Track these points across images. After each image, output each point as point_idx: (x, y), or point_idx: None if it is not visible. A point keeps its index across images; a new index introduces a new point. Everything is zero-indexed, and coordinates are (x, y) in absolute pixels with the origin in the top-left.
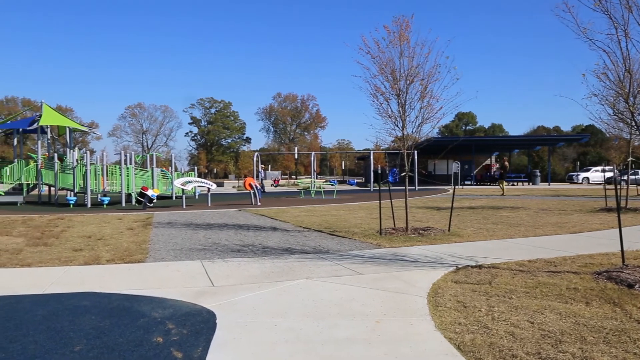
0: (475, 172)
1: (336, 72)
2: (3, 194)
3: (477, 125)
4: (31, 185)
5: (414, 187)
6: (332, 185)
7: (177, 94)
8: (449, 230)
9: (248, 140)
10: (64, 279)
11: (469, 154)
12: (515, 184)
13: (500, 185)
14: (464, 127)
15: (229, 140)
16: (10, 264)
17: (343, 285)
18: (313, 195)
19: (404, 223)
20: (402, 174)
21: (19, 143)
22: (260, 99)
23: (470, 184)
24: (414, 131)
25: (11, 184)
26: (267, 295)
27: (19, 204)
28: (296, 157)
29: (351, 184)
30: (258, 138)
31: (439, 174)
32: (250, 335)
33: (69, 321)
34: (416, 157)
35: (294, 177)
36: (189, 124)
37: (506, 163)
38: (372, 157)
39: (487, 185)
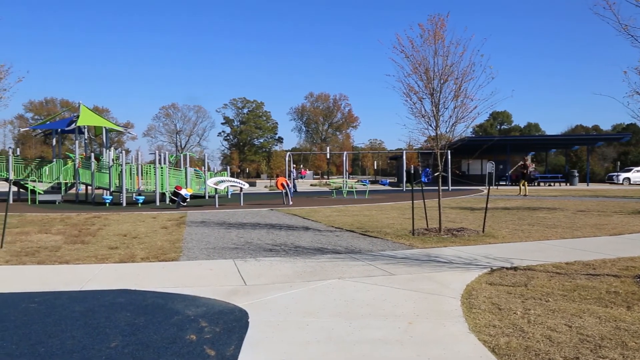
0: (510, 172)
1: (369, 72)
2: (42, 192)
3: (513, 124)
4: (69, 184)
5: (447, 188)
6: (364, 185)
7: (211, 94)
8: (483, 231)
9: (280, 140)
10: (100, 276)
11: (504, 153)
12: (552, 184)
13: (521, 185)
14: (498, 127)
15: (261, 140)
16: (49, 260)
17: (375, 286)
18: (345, 195)
19: (436, 223)
20: (435, 174)
21: (58, 143)
22: (293, 98)
23: (505, 184)
24: (447, 131)
25: (50, 183)
26: (299, 295)
27: (57, 203)
28: (328, 156)
29: (383, 184)
30: (290, 138)
31: (472, 174)
32: (282, 334)
33: (105, 318)
34: (449, 157)
35: (325, 177)
36: (222, 123)
37: (527, 163)
38: (404, 157)
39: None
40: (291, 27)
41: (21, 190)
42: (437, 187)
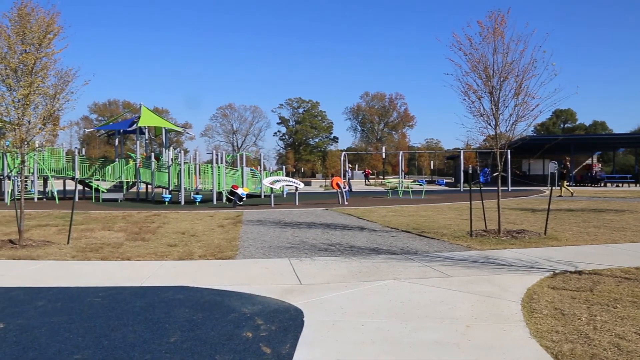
0: (574, 172)
1: (426, 70)
2: (105, 191)
3: (577, 122)
4: (130, 183)
5: (506, 188)
6: (420, 185)
7: (266, 94)
8: (545, 233)
9: (335, 139)
10: (160, 272)
11: (568, 153)
12: (620, 185)
13: (561, 186)
14: (562, 125)
15: (317, 140)
16: (112, 257)
17: (432, 287)
18: (401, 195)
19: (496, 225)
20: (494, 174)
21: (120, 143)
22: (348, 98)
23: (569, 185)
24: (507, 130)
25: (113, 181)
26: (354, 295)
27: (119, 201)
28: (384, 156)
29: (440, 184)
30: (345, 137)
31: (534, 174)
32: (337, 334)
33: (164, 313)
34: (509, 157)
35: (381, 176)
36: (278, 123)
37: (568, 163)
38: (462, 157)
39: (588, 186)
40: (347, 28)
41: (86, 188)
42: (496, 188)
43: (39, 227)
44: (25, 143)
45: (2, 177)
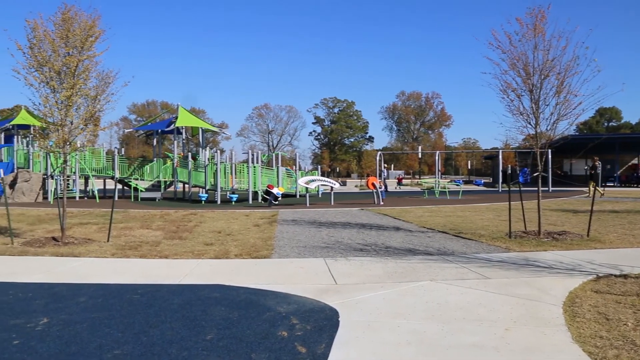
0: (619, 172)
1: (463, 69)
2: (144, 190)
3: (622, 121)
4: (168, 182)
5: (547, 189)
6: (457, 185)
7: (302, 94)
8: (587, 235)
9: (371, 139)
10: (197, 271)
11: (612, 152)
12: None
13: (590, 186)
14: (605, 124)
15: (352, 140)
16: (150, 255)
17: (469, 289)
18: (437, 196)
19: (535, 226)
20: (534, 174)
21: (158, 143)
22: (384, 97)
23: (614, 186)
24: (548, 129)
25: (151, 181)
26: (389, 296)
27: (157, 200)
28: (420, 156)
29: (478, 184)
30: (381, 137)
31: (575, 175)
32: (373, 335)
33: (201, 311)
34: (550, 157)
35: (417, 176)
36: (313, 123)
37: (597, 163)
38: (500, 156)
39: (634, 187)
40: (383, 29)
41: (125, 187)
42: (536, 188)
43: (81, 225)
44: (68, 143)
45: (45, 176)
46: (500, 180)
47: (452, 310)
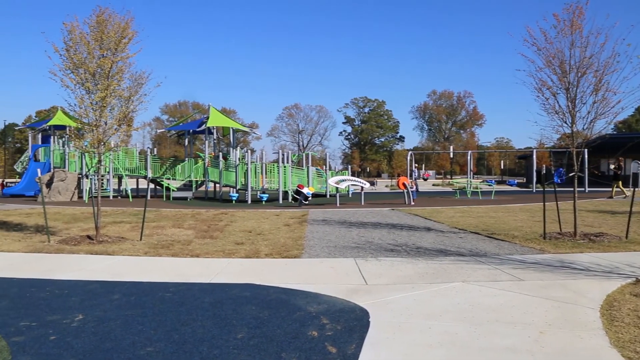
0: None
1: (496, 67)
2: (176, 189)
3: None
4: (199, 182)
5: (583, 189)
6: (489, 185)
7: (332, 94)
8: (626, 237)
9: (401, 139)
10: (228, 269)
11: None
12: None
13: (614, 186)
14: None
15: (382, 139)
16: (182, 253)
17: (502, 291)
18: (469, 196)
19: (571, 227)
20: (570, 174)
21: (189, 143)
22: (414, 97)
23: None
24: (584, 128)
25: (182, 180)
26: (420, 297)
27: (188, 199)
28: (451, 156)
29: (511, 185)
30: (412, 137)
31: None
32: (404, 336)
33: (232, 310)
34: (586, 156)
35: (448, 176)
36: (343, 123)
37: (622, 163)
38: (534, 156)
39: None
40: (413, 28)
41: (157, 187)
42: (572, 189)
43: (114, 224)
44: (102, 143)
45: (81, 175)
46: (535, 181)
47: (484, 312)
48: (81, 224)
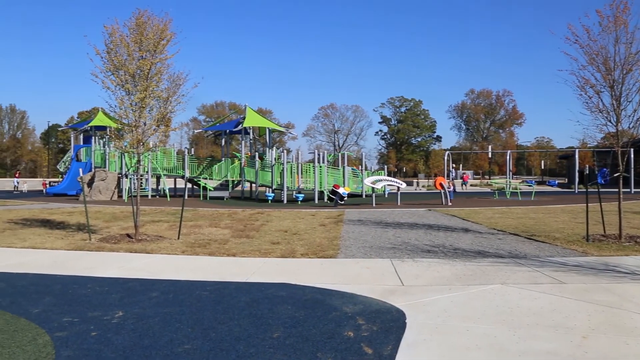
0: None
1: (536, 64)
2: (212, 189)
3: None
4: (235, 182)
5: (628, 190)
6: (529, 185)
7: (368, 94)
8: None
9: (438, 138)
10: (264, 269)
11: None
12: None
13: None
14: None
15: (419, 139)
16: (219, 252)
17: (543, 294)
18: (508, 197)
19: (616, 229)
20: (615, 175)
21: (226, 143)
22: (452, 96)
23: None
24: (630, 126)
25: (219, 180)
26: (458, 298)
27: (225, 199)
28: (490, 156)
29: (551, 185)
30: (449, 136)
31: None
32: (441, 338)
33: (268, 309)
34: (632, 156)
35: (487, 177)
36: (379, 123)
37: None
38: (576, 156)
39: None
40: (450, 27)
41: (194, 186)
42: (616, 189)
43: (152, 223)
44: (141, 143)
45: (120, 175)
46: (577, 181)
47: (524, 315)
48: (121, 223)
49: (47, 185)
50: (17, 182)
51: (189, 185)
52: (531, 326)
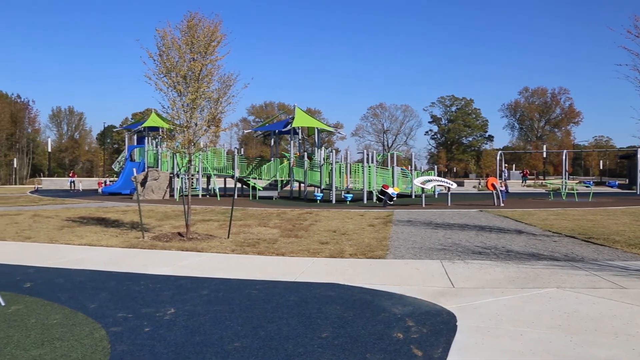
0: None
1: (594, 61)
2: (261, 189)
3: None
4: (284, 182)
5: None
6: (586, 186)
7: (418, 93)
8: None
9: (490, 138)
10: (312, 269)
11: None
12: None
13: None
14: None
15: (470, 139)
16: (268, 252)
17: (602, 299)
18: (564, 198)
19: None
20: None
21: (275, 143)
22: (505, 94)
23: None
24: None
25: (268, 180)
26: (511, 302)
27: (274, 199)
28: (544, 155)
29: (611, 186)
30: (501, 136)
31: None
32: (493, 341)
33: (316, 309)
34: None
35: (541, 177)
36: (429, 122)
37: None
38: (638, 156)
39: None
40: (502, 26)
41: (244, 186)
42: None
43: (203, 222)
44: (192, 144)
45: (172, 175)
46: (639, 182)
47: (582, 320)
48: (172, 222)
49: (103, 185)
50: (73, 182)
51: (239, 184)
52: (589, 332)
